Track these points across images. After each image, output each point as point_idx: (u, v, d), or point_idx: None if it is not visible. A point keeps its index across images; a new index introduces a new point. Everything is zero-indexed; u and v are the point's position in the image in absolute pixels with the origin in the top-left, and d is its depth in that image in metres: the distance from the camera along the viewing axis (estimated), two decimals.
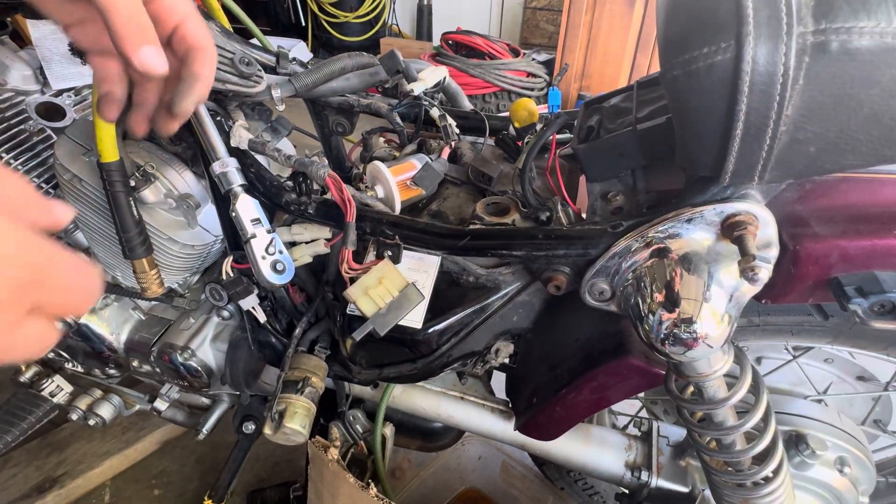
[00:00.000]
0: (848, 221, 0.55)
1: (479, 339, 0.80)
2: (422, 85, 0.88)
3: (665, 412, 1.15)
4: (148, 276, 0.79)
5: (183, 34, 0.46)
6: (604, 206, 0.69)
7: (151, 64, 0.41)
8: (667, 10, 0.51)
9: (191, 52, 0.46)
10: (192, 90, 0.47)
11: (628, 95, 0.74)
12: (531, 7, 4.22)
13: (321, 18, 4.46)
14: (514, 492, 1.31)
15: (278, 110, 0.79)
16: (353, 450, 0.98)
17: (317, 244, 0.77)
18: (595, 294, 0.65)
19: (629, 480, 0.91)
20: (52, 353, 1.03)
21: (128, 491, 1.42)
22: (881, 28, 0.40)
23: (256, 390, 1.01)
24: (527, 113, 0.83)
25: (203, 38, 0.47)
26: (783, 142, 0.46)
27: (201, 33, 0.47)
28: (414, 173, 0.82)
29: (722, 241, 0.57)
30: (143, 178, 0.78)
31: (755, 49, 0.43)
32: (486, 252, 0.70)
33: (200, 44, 0.46)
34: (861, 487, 0.83)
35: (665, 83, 0.51)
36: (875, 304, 0.54)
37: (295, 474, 1.43)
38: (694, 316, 0.56)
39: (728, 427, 0.68)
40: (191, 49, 0.46)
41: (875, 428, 1.00)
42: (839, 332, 0.73)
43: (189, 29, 0.46)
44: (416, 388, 0.96)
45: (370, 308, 0.69)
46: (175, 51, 0.47)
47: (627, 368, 0.69)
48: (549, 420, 0.80)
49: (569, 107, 3.49)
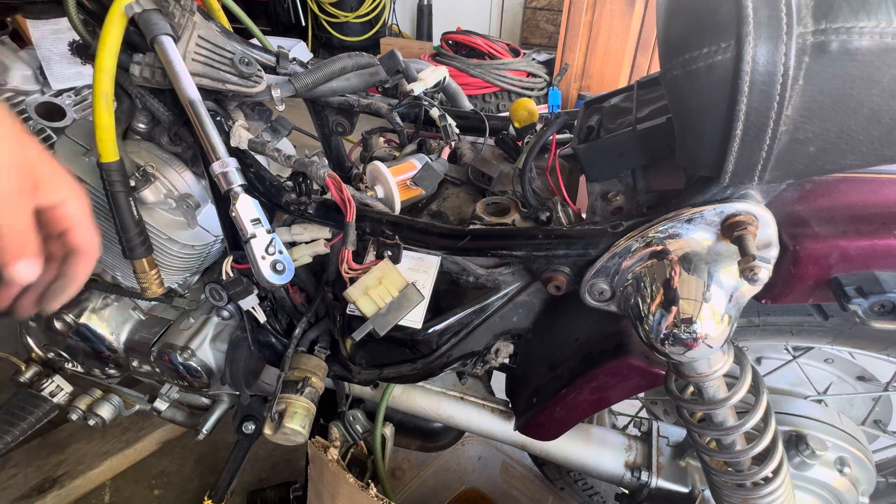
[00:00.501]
0: (848, 221, 0.55)
1: (479, 340, 0.80)
2: (422, 85, 0.88)
3: (665, 412, 1.14)
4: (148, 276, 0.79)
5: (70, 238, 0.49)
6: (604, 206, 0.69)
7: (24, 277, 0.44)
8: (667, 11, 0.51)
9: (73, 255, 0.50)
10: (64, 291, 0.51)
11: (628, 95, 0.74)
12: (531, 7, 4.22)
13: (321, 18, 4.46)
14: (514, 492, 1.31)
15: (278, 110, 0.79)
16: (353, 450, 0.98)
17: (317, 244, 0.77)
18: (595, 294, 0.65)
19: (629, 481, 0.91)
20: (52, 353, 1.03)
21: (128, 491, 1.42)
22: (881, 28, 0.40)
23: (256, 390, 1.01)
24: (527, 113, 0.83)
25: (87, 244, 0.50)
26: (783, 142, 0.46)
27: (87, 238, 0.50)
28: (414, 173, 0.82)
29: (722, 242, 0.57)
30: (143, 178, 0.78)
31: (755, 49, 0.42)
32: (486, 252, 0.70)
33: (84, 248, 0.50)
34: (861, 487, 0.83)
35: (665, 83, 0.51)
36: (875, 304, 0.53)
37: (295, 474, 1.43)
38: (694, 316, 0.56)
39: (728, 427, 0.68)
40: (73, 251, 0.50)
41: (875, 428, 1.00)
42: (839, 333, 0.73)
43: (77, 234, 0.49)
44: (416, 388, 0.96)
45: (370, 308, 0.69)
46: (61, 246, 0.50)
47: (627, 368, 0.69)
48: (549, 420, 0.80)
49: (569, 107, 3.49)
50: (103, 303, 0.99)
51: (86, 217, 0.49)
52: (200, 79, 0.69)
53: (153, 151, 0.81)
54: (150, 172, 0.78)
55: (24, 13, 0.88)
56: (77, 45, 0.76)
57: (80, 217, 0.49)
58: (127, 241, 0.75)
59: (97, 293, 0.98)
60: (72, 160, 0.79)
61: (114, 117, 0.69)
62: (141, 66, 0.69)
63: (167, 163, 0.81)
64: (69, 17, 0.69)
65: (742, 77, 0.44)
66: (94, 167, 0.73)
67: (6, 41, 1.01)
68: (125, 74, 0.70)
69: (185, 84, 0.67)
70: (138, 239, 0.76)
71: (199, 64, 0.70)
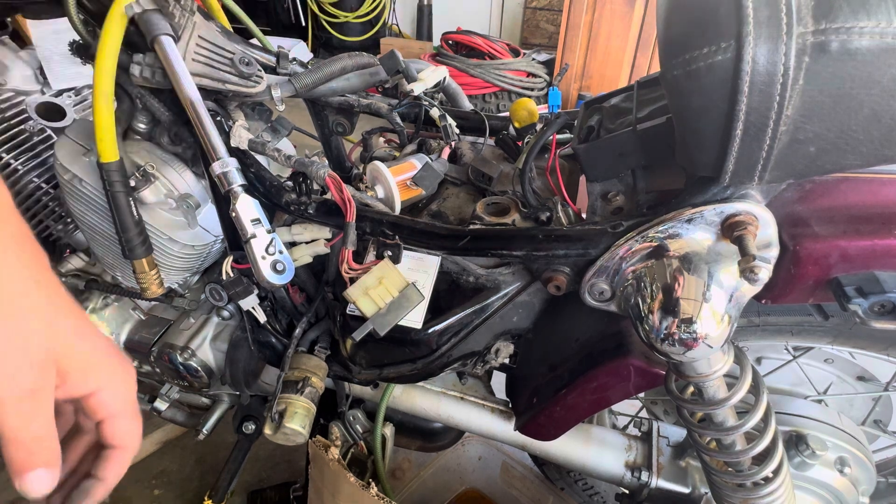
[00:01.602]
0: (848, 221, 0.55)
1: (479, 340, 0.80)
2: (422, 85, 0.88)
3: (665, 412, 1.14)
4: (148, 276, 0.79)
5: (103, 430, 0.42)
6: (604, 206, 0.69)
7: (35, 489, 0.36)
8: (667, 11, 0.51)
9: (108, 451, 0.42)
10: (87, 496, 0.42)
11: (628, 95, 0.74)
12: (531, 7, 4.22)
13: (321, 18, 4.46)
14: (514, 492, 1.31)
15: (278, 110, 0.79)
16: (354, 450, 0.98)
17: (317, 244, 0.77)
18: (595, 294, 0.65)
19: (629, 481, 0.91)
20: None
21: (128, 491, 1.42)
22: (881, 28, 0.40)
23: (256, 390, 1.01)
24: (527, 113, 0.83)
25: (122, 438, 0.42)
26: (783, 142, 0.46)
27: (123, 432, 0.42)
28: (414, 173, 0.82)
29: (722, 242, 0.57)
30: (143, 178, 0.78)
31: (755, 49, 0.42)
32: (486, 252, 0.70)
33: (118, 444, 0.42)
34: (861, 487, 0.83)
35: (665, 83, 0.51)
36: (875, 304, 0.53)
37: (295, 474, 1.43)
38: (694, 316, 0.56)
39: (728, 427, 0.68)
40: (110, 448, 0.42)
41: (875, 428, 1.00)
42: (839, 333, 0.73)
43: (111, 427, 0.42)
44: (416, 388, 0.96)
45: (370, 308, 0.69)
46: (98, 440, 0.43)
47: (627, 368, 0.69)
48: (549, 420, 0.80)
49: (569, 107, 3.49)
50: (103, 303, 0.99)
51: (124, 407, 0.42)
52: (200, 79, 0.69)
53: (153, 151, 0.81)
54: (150, 172, 0.78)
55: (24, 13, 0.88)
56: (77, 45, 0.76)
57: (117, 407, 0.41)
58: (127, 241, 0.75)
59: (97, 293, 0.98)
60: (72, 160, 0.79)
61: (114, 117, 0.69)
62: (141, 66, 0.68)
63: (167, 163, 0.81)
64: (69, 17, 0.69)
65: (742, 77, 0.43)
66: (94, 167, 0.73)
67: (6, 41, 1.01)
68: (125, 74, 0.70)
69: (185, 84, 0.67)
70: (138, 239, 0.76)
71: (199, 64, 0.70)
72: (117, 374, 0.41)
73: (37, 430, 0.35)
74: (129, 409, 0.42)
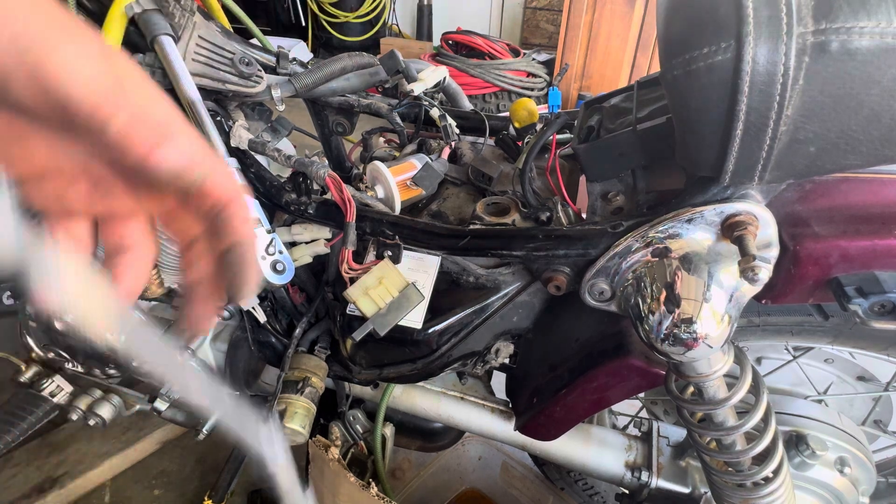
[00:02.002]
0: (848, 221, 0.55)
1: (479, 340, 0.80)
2: (422, 85, 0.88)
3: (665, 412, 1.14)
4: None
5: (223, 218, 0.32)
6: (604, 206, 0.69)
7: (171, 160, 0.28)
8: (667, 10, 0.51)
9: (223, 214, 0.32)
10: (245, 255, 0.33)
11: (628, 95, 0.74)
12: (531, 7, 4.22)
13: (321, 18, 4.46)
14: (514, 492, 1.31)
15: (278, 110, 0.79)
16: (354, 450, 0.98)
17: (317, 244, 0.77)
18: (595, 294, 0.65)
19: (629, 481, 0.91)
20: (52, 353, 1.03)
21: (128, 491, 1.42)
22: (881, 28, 0.40)
23: (256, 390, 1.01)
24: (527, 113, 0.83)
25: (231, 191, 0.32)
26: (783, 142, 0.46)
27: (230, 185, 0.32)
28: (414, 173, 0.82)
29: (722, 242, 0.57)
30: None
31: (755, 49, 0.42)
32: (486, 252, 0.70)
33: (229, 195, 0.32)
34: (861, 488, 0.83)
35: (665, 83, 0.51)
36: (875, 304, 0.54)
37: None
38: (694, 316, 0.56)
39: (728, 427, 0.68)
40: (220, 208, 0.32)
41: (875, 428, 1.00)
42: (839, 333, 0.73)
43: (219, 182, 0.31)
44: (416, 388, 0.96)
45: (370, 308, 0.70)
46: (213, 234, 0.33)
47: (627, 368, 0.69)
48: (549, 420, 0.80)
49: (569, 107, 3.49)
50: None
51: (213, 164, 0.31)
52: (200, 79, 0.69)
53: None
54: None
55: None
56: None
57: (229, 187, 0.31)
58: None
59: None
60: None
61: None
62: (141, 66, 0.69)
63: None
64: None
65: (742, 77, 0.43)
66: None
67: None
68: None
69: (185, 84, 0.67)
70: None
71: (199, 64, 0.70)
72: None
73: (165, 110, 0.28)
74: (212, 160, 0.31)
